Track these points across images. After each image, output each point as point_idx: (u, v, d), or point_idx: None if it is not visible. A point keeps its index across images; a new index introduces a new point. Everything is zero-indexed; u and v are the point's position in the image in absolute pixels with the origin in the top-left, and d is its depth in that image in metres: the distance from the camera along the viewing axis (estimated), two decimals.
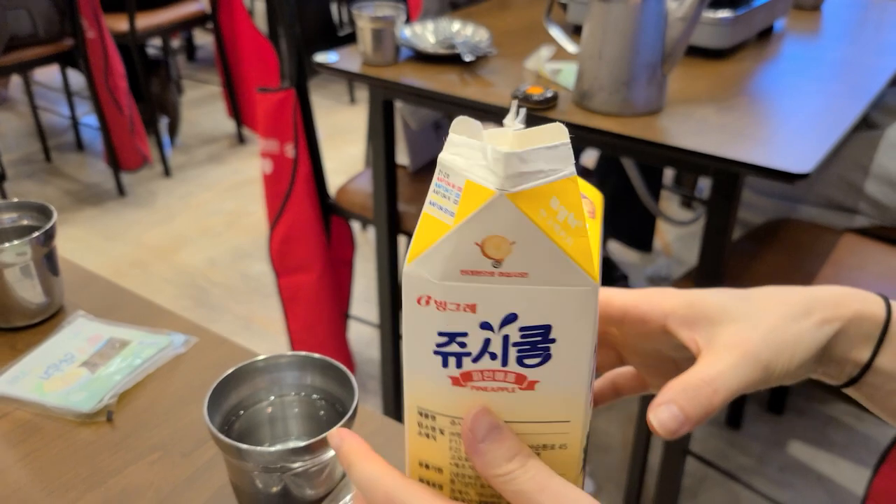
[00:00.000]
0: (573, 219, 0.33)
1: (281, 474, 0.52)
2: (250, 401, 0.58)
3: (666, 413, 0.37)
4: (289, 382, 0.58)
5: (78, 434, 0.66)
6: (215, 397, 0.55)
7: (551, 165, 0.32)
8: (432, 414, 0.37)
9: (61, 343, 0.75)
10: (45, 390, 0.69)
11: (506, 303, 0.34)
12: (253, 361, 0.57)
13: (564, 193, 0.33)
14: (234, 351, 0.75)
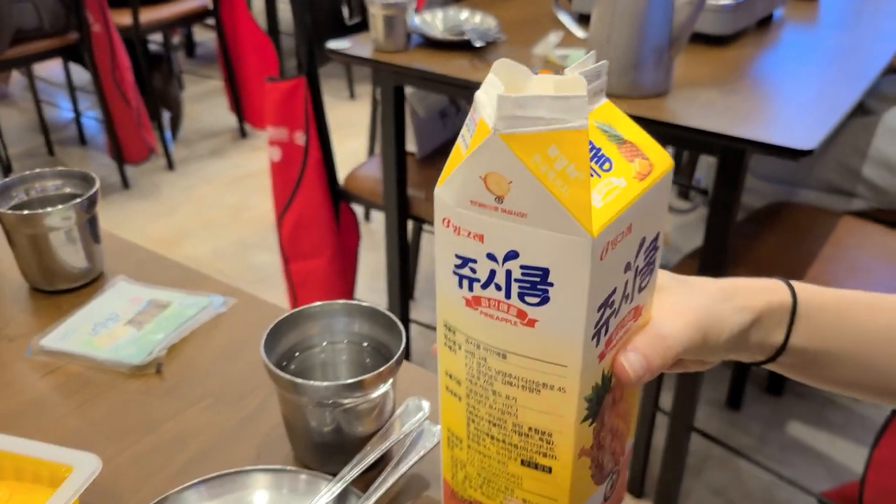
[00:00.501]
0: (573, 169, 0.34)
1: (333, 409, 0.55)
2: (303, 346, 0.61)
3: (634, 358, 0.42)
4: (339, 329, 0.61)
5: (129, 385, 0.69)
6: (270, 340, 0.58)
7: (556, 115, 0.34)
8: (453, 328, 0.41)
9: (105, 304, 0.78)
10: (95, 345, 0.72)
11: (508, 239, 0.36)
12: (307, 307, 0.61)
13: (567, 143, 0.34)
14: (272, 310, 0.78)
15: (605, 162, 0.38)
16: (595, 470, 0.44)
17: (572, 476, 0.42)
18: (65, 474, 0.54)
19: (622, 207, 0.36)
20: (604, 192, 0.36)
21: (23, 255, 0.79)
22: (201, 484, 0.55)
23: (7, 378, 0.70)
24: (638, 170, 0.38)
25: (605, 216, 0.36)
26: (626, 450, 0.48)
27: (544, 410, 0.40)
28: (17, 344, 0.74)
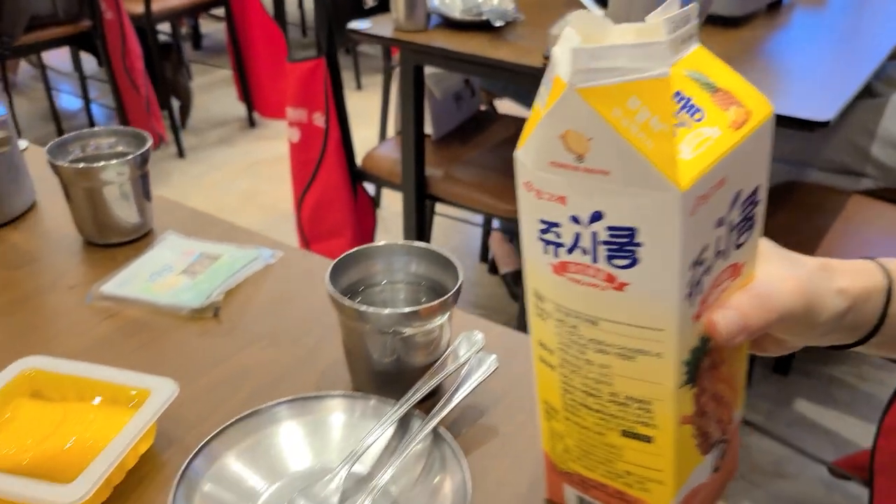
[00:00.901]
0: (657, 122, 0.32)
1: (393, 338, 0.58)
2: (364, 283, 0.64)
3: (730, 314, 0.39)
4: (398, 268, 0.65)
5: (188, 327, 0.72)
6: (334, 275, 0.61)
7: (635, 64, 0.31)
8: (542, 296, 0.40)
9: (158, 256, 0.81)
10: (153, 291, 0.75)
11: (591, 199, 0.35)
12: (369, 246, 0.64)
13: (649, 94, 0.32)
14: (320, 261, 0.81)
15: (696, 112, 0.35)
16: (700, 439, 0.43)
17: (675, 445, 0.40)
18: (143, 397, 0.57)
19: (714, 159, 0.34)
20: (694, 144, 0.34)
21: (78, 209, 0.82)
22: (284, 404, 0.58)
23: (70, 322, 0.73)
24: (733, 118, 0.36)
25: (695, 169, 0.33)
26: (733, 419, 0.46)
27: (641, 378, 0.39)
28: (76, 291, 0.77)
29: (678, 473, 0.42)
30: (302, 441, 0.57)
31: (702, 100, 0.35)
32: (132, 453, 0.55)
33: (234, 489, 0.54)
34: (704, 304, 0.38)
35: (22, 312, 0.74)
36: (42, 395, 0.58)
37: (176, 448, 0.58)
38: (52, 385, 0.58)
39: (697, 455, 0.43)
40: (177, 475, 0.52)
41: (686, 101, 0.35)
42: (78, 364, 0.60)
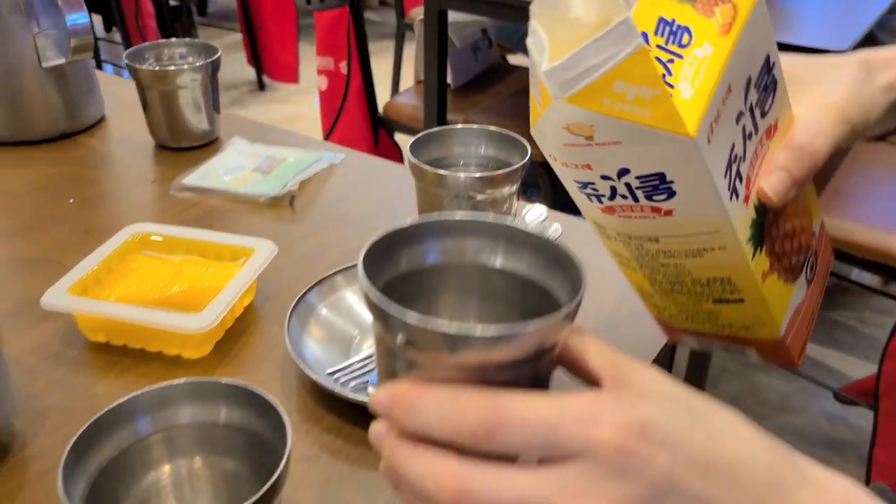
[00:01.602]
0: (646, 90, 0.32)
1: (468, 202, 0.64)
2: (438, 163, 0.70)
3: (775, 179, 0.40)
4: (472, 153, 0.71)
5: (265, 214, 0.78)
6: (413, 149, 0.67)
7: (606, 54, 0.32)
8: (601, 226, 0.43)
9: (228, 158, 0.87)
10: (230, 184, 0.81)
11: (614, 161, 0.36)
12: (448, 128, 0.70)
13: (630, 71, 0.32)
14: (382, 163, 0.87)
15: (683, 33, 0.34)
16: (786, 275, 0.44)
17: (766, 297, 0.42)
18: (247, 254, 0.63)
19: (715, 81, 0.34)
20: (690, 75, 0.34)
21: (153, 113, 0.87)
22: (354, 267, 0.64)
23: (157, 211, 0.78)
24: (721, 21, 0.35)
25: (698, 105, 0.34)
26: (815, 231, 0.47)
27: (713, 265, 0.41)
28: (158, 185, 0.82)
29: (777, 311, 0.44)
30: None
31: (684, 15, 0.35)
32: (238, 304, 0.61)
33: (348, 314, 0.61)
34: (750, 184, 0.39)
35: (111, 203, 0.80)
36: (152, 255, 0.64)
37: (273, 303, 0.64)
38: (160, 245, 0.64)
39: (789, 287, 0.45)
40: (293, 302, 0.58)
41: (670, 26, 0.34)
42: (182, 228, 0.66)
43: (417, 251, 0.39)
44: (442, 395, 0.31)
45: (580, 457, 0.30)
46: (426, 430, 0.31)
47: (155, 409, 0.40)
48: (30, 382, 0.55)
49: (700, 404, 0.33)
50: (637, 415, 0.30)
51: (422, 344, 0.32)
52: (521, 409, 0.30)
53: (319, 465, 0.49)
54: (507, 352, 0.32)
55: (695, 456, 0.30)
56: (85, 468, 0.37)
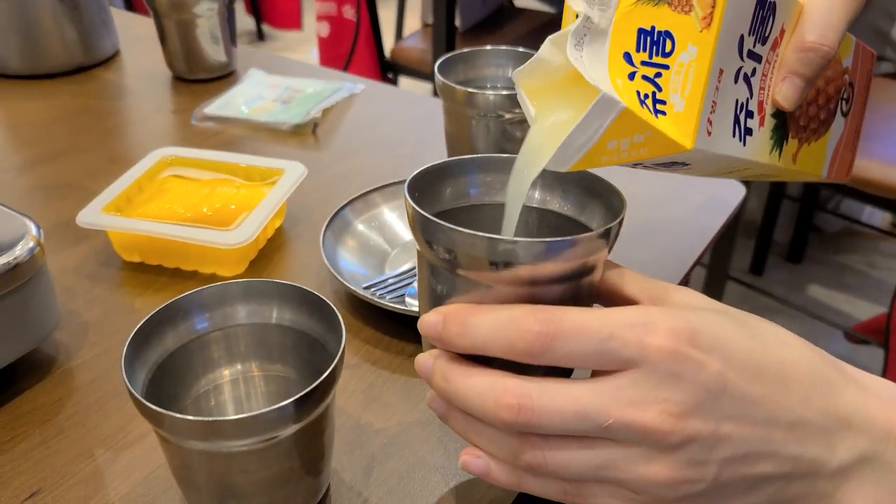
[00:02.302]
0: (639, 136, 0.34)
1: (496, 121, 0.64)
2: (472, 84, 0.70)
3: (788, 87, 0.38)
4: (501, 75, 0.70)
5: (287, 142, 0.78)
6: (441, 69, 0.67)
7: (591, 130, 0.33)
8: None
9: (247, 89, 0.86)
10: (252, 114, 0.80)
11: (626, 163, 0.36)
12: (473, 50, 0.70)
13: (617, 131, 0.33)
14: (401, 92, 0.87)
15: (665, 40, 0.34)
16: (818, 133, 0.44)
17: (801, 169, 0.42)
18: (277, 175, 0.63)
19: (704, 83, 0.34)
20: (680, 84, 0.33)
21: (170, 44, 0.86)
22: (391, 185, 0.64)
23: (179, 139, 0.78)
24: (702, 14, 0.33)
25: (692, 115, 0.33)
26: (846, 66, 0.45)
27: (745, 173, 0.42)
28: (179, 115, 0.82)
29: (814, 167, 0.44)
30: None
31: (663, 19, 0.34)
32: (269, 224, 0.61)
33: (381, 231, 0.61)
34: (763, 105, 0.39)
35: (133, 133, 0.79)
36: (182, 176, 0.64)
37: (303, 225, 0.65)
38: (190, 167, 0.64)
39: (823, 140, 0.44)
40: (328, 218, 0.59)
41: (651, 36, 0.34)
42: (210, 151, 0.66)
43: (460, 184, 0.41)
44: (495, 311, 0.32)
45: (634, 365, 0.31)
46: (481, 346, 0.32)
47: (213, 307, 0.41)
48: (69, 299, 0.56)
49: (743, 315, 0.34)
50: (686, 322, 0.31)
51: (469, 261, 0.33)
52: (575, 320, 0.31)
53: (361, 373, 0.50)
54: (553, 266, 0.33)
55: (744, 360, 0.31)
56: (144, 362, 0.38)
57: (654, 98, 0.33)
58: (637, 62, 0.34)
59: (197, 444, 0.34)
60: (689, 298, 0.34)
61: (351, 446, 0.45)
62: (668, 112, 0.33)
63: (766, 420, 0.31)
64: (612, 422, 0.31)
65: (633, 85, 0.33)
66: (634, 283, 0.36)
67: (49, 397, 0.48)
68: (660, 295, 0.35)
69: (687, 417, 0.30)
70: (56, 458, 0.44)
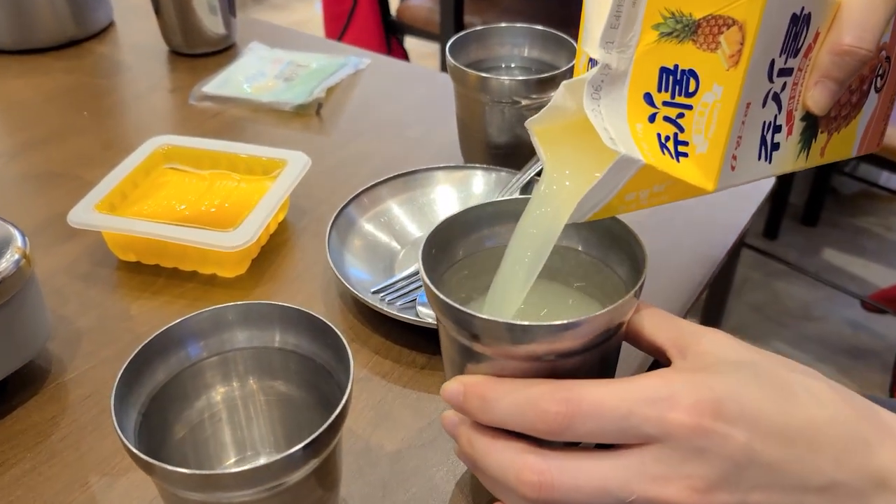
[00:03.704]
0: (657, 186, 0.33)
1: (511, 107, 0.60)
2: (478, 66, 0.66)
3: (821, 91, 0.36)
4: (516, 54, 0.66)
5: (291, 124, 0.74)
6: (453, 49, 0.62)
7: (609, 186, 0.32)
8: None
9: (248, 64, 0.82)
10: (253, 93, 0.76)
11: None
12: (487, 27, 0.65)
13: (636, 184, 0.32)
14: (409, 67, 0.82)
15: (689, 80, 0.31)
16: (848, 119, 0.41)
17: (829, 159, 0.40)
18: (279, 167, 0.59)
19: (729, 123, 0.31)
20: (703, 125, 0.31)
21: (166, 15, 0.82)
22: (398, 178, 0.60)
23: (177, 121, 0.74)
24: (729, 52, 0.31)
25: (715, 157, 0.31)
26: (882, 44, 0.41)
27: None
28: (177, 94, 0.78)
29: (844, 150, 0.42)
30: (434, 207, 0.60)
31: (687, 57, 0.32)
32: (272, 220, 0.58)
33: (389, 228, 0.58)
34: (792, 115, 0.36)
35: (129, 113, 0.76)
36: (179, 169, 0.61)
37: (308, 218, 0.61)
38: (188, 159, 0.61)
39: (854, 123, 0.42)
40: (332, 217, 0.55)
41: (673, 75, 0.32)
42: (208, 140, 0.62)
43: (473, 239, 0.41)
44: (515, 389, 0.32)
45: (657, 440, 0.30)
46: (501, 423, 0.32)
47: (207, 333, 0.38)
48: (62, 304, 0.53)
49: (772, 368, 0.32)
50: (709, 392, 0.30)
51: (490, 341, 0.33)
52: (593, 398, 0.30)
53: (371, 387, 0.47)
54: (575, 340, 0.32)
55: (773, 425, 0.30)
56: (136, 397, 0.35)
57: (676, 139, 0.32)
58: (658, 102, 0.32)
59: (195, 495, 0.32)
60: (719, 349, 0.33)
61: (361, 471, 0.42)
62: (689, 154, 0.32)
63: (796, 485, 0.30)
64: (634, 497, 0.30)
65: (654, 127, 0.32)
66: (660, 329, 0.35)
67: (41, 415, 0.45)
68: (686, 344, 0.34)
69: (713, 491, 0.30)
70: (48, 485, 0.41)
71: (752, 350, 0.33)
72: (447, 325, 0.35)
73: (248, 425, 0.41)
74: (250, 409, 0.40)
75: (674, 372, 0.32)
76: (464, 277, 0.41)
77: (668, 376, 0.31)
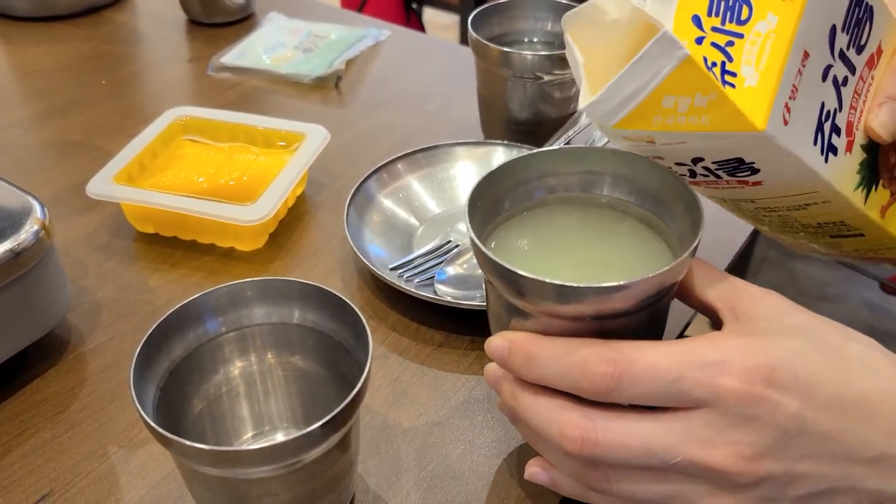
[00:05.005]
0: (700, 97, 0.29)
1: (533, 83, 0.59)
2: (499, 40, 0.65)
3: (886, 113, 0.34)
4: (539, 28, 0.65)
5: (309, 96, 0.73)
6: (475, 22, 0.61)
7: (646, 76, 0.29)
8: None
9: (266, 35, 0.81)
10: (271, 64, 0.76)
11: (685, 154, 0.33)
12: None
13: (677, 86, 0.29)
14: (429, 40, 0.81)
15: (741, 6, 0.30)
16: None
17: (889, 228, 0.38)
18: (297, 141, 0.59)
19: (783, 60, 0.30)
20: (755, 56, 0.29)
21: None
22: (417, 153, 0.60)
23: (195, 91, 0.74)
24: (765, 28, 0.30)
25: (766, 93, 0.29)
26: None
27: (822, 214, 0.37)
28: (195, 64, 0.77)
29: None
30: (453, 183, 0.60)
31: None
32: (290, 194, 0.57)
33: (408, 204, 0.57)
34: (853, 127, 0.34)
35: (147, 83, 0.75)
36: (198, 141, 0.60)
37: (327, 192, 0.61)
38: (206, 131, 0.60)
39: None
40: (350, 193, 0.55)
41: (725, 1, 0.30)
42: (227, 112, 0.62)
43: (521, 191, 0.39)
44: (561, 348, 0.31)
45: (706, 405, 0.29)
46: (547, 381, 0.31)
47: (226, 309, 0.38)
48: (81, 275, 0.53)
49: (828, 335, 0.31)
50: (763, 359, 0.29)
51: (538, 298, 0.31)
52: (643, 360, 0.29)
53: (388, 365, 0.47)
54: (625, 301, 0.31)
55: (827, 394, 0.29)
56: (154, 372, 0.35)
57: (724, 69, 0.29)
58: (707, 27, 0.29)
59: (213, 470, 0.32)
60: (773, 312, 0.32)
61: (377, 448, 0.42)
62: (737, 85, 0.29)
63: (846, 455, 0.30)
64: (679, 459, 0.29)
65: (700, 50, 0.28)
66: (712, 287, 0.33)
67: (61, 385, 0.46)
68: (740, 306, 0.32)
69: (760, 459, 0.29)
70: (67, 456, 0.42)
71: (808, 315, 0.32)
72: (494, 281, 0.33)
73: (266, 400, 0.41)
74: (268, 384, 0.40)
75: (727, 336, 0.30)
76: (512, 229, 0.38)
77: (720, 340, 0.30)
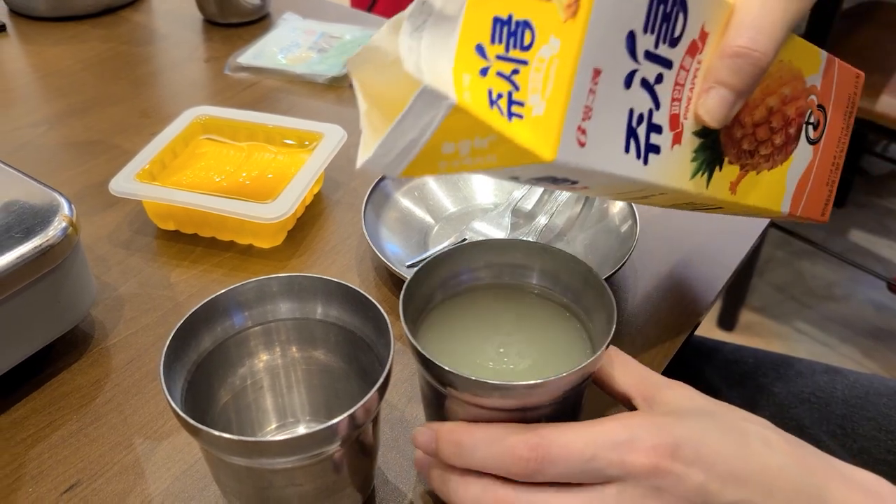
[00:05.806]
0: (479, 140, 0.28)
1: None
2: None
3: (713, 99, 0.33)
4: None
5: (325, 96, 0.74)
6: None
7: (418, 128, 0.28)
8: None
9: (282, 35, 0.82)
10: (287, 64, 0.77)
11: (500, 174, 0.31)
12: None
13: (452, 132, 0.28)
14: None
15: (524, 31, 0.28)
16: (773, 160, 0.40)
17: (744, 201, 0.39)
18: (315, 140, 0.60)
19: (569, 84, 0.28)
20: (540, 83, 0.28)
21: None
22: None
23: (212, 91, 0.75)
24: (566, 2, 0.28)
25: (553, 121, 0.28)
26: (813, 84, 0.40)
27: (669, 200, 0.38)
28: (212, 64, 0.79)
29: (769, 200, 0.40)
30: (469, 181, 0.61)
31: (521, 4, 0.28)
32: (308, 192, 0.58)
33: (424, 202, 0.58)
34: (679, 119, 0.33)
35: (164, 83, 0.76)
36: (217, 140, 0.61)
37: (343, 191, 0.62)
38: (225, 130, 0.61)
39: (781, 168, 0.40)
40: (367, 191, 0.56)
41: (507, 26, 0.28)
42: (245, 112, 0.63)
43: (453, 281, 0.42)
44: (488, 436, 0.33)
45: (619, 480, 0.32)
46: (476, 467, 0.34)
47: (252, 304, 0.39)
48: (104, 271, 0.54)
49: (729, 418, 0.34)
50: (668, 436, 0.31)
51: (464, 391, 0.34)
52: (562, 442, 0.32)
53: (406, 360, 0.48)
54: (544, 396, 0.34)
55: (727, 468, 0.31)
56: (183, 364, 0.36)
57: (511, 99, 0.28)
58: (492, 56, 0.28)
59: (239, 459, 0.33)
60: (680, 398, 0.35)
61: (396, 441, 0.43)
62: (525, 115, 0.28)
63: None
64: None
65: (486, 82, 0.28)
66: (627, 378, 0.36)
67: (86, 378, 0.47)
68: (652, 395, 0.35)
69: None
70: (94, 447, 0.43)
71: (711, 402, 0.35)
72: (424, 373, 0.37)
73: (289, 393, 0.42)
74: (291, 377, 0.41)
75: (636, 416, 0.33)
76: (444, 315, 0.42)
77: (629, 420, 0.33)
